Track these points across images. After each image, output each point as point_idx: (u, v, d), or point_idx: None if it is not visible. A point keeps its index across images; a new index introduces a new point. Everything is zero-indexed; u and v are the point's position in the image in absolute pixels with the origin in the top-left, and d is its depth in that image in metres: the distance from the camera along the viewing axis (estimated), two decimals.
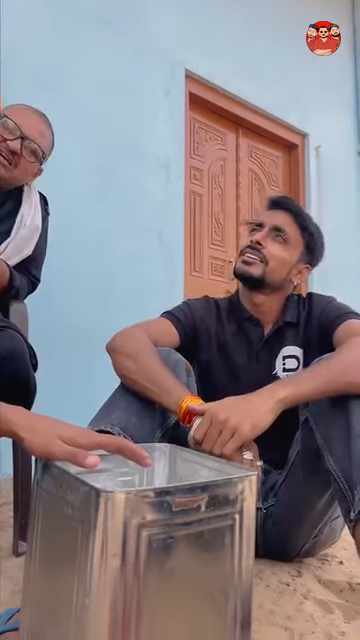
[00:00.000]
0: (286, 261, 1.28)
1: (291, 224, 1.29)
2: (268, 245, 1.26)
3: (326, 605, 1.02)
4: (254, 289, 1.29)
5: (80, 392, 2.01)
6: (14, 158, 1.31)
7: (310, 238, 1.31)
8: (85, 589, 0.51)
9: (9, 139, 1.28)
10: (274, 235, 1.27)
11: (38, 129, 1.34)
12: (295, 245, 1.29)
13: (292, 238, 1.28)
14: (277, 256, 1.26)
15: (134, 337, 1.13)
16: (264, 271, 1.25)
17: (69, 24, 2.36)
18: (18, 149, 1.30)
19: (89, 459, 0.60)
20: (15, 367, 1.03)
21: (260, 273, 1.25)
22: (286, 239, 1.27)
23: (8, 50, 2.04)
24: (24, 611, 0.64)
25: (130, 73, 2.60)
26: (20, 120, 1.30)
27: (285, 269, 1.28)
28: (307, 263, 1.34)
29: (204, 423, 0.91)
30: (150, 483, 0.77)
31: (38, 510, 0.64)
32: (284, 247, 1.27)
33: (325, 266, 1.25)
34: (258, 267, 1.25)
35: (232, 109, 3.19)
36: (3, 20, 2.05)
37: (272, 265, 1.25)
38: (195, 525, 0.56)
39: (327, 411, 1.01)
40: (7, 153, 1.29)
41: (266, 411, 0.92)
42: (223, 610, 0.59)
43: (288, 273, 1.29)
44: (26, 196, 1.39)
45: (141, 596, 0.52)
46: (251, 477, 0.61)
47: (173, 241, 2.73)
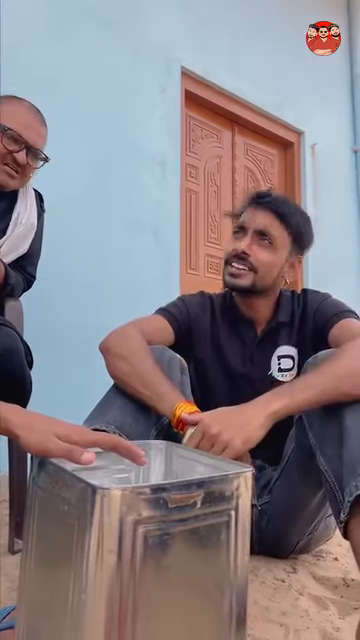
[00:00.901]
0: (275, 264, 1.25)
1: (275, 225, 1.24)
2: (254, 252, 1.22)
3: (321, 601, 1.02)
4: (245, 295, 1.28)
5: (75, 390, 2.01)
6: (21, 168, 1.33)
7: (297, 233, 1.27)
8: (81, 585, 0.51)
9: (14, 151, 1.30)
10: (259, 240, 1.23)
11: (38, 132, 1.35)
12: (282, 246, 1.25)
13: (278, 240, 1.24)
14: (265, 262, 1.23)
15: (128, 337, 1.12)
16: (254, 280, 1.22)
17: (66, 22, 2.35)
18: (25, 160, 1.32)
19: (85, 455, 0.60)
20: (11, 365, 1.03)
21: (250, 283, 1.22)
22: (272, 242, 1.23)
23: (5, 48, 2.02)
24: (20, 608, 0.64)
25: (126, 70, 2.59)
26: (22, 128, 1.30)
27: (275, 271, 1.26)
28: (297, 254, 1.31)
29: (196, 435, 0.90)
30: (146, 480, 0.77)
31: (34, 507, 0.64)
32: (271, 251, 1.23)
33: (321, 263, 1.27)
34: (247, 277, 1.22)
35: (228, 107, 3.19)
36: (2, 17, 2.04)
37: (261, 272, 1.23)
38: (191, 521, 0.56)
39: (321, 411, 1.01)
40: (14, 165, 1.31)
41: (259, 425, 0.90)
42: (219, 606, 0.59)
43: (279, 272, 1.27)
44: (22, 194, 1.39)
45: (137, 592, 0.52)
46: (246, 474, 0.62)
47: (169, 239, 2.72)
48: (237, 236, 1.27)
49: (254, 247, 1.23)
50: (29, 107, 1.37)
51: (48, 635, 0.57)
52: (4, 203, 1.36)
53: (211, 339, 1.31)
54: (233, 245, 1.26)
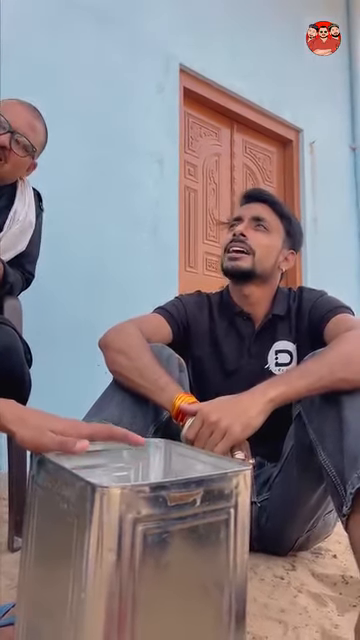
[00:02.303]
0: (271, 248, 1.29)
1: (269, 212, 1.31)
2: (251, 235, 1.27)
3: (320, 598, 1.03)
4: (244, 282, 1.29)
5: (74, 387, 2.01)
6: (4, 153, 1.30)
7: (288, 224, 1.33)
8: (81, 584, 0.51)
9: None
10: (255, 225, 1.29)
11: (28, 123, 1.33)
12: (276, 231, 1.31)
13: (272, 225, 1.30)
14: (262, 244, 1.27)
15: (126, 333, 1.13)
16: (252, 262, 1.26)
17: (63, 20, 2.35)
18: (7, 143, 1.28)
19: (78, 444, 0.61)
20: (10, 363, 1.03)
21: (249, 265, 1.25)
22: (267, 227, 1.29)
23: (3, 44, 2.02)
24: (20, 606, 0.64)
25: (124, 68, 2.59)
26: (10, 114, 1.29)
27: (272, 256, 1.29)
28: (291, 248, 1.35)
29: (196, 424, 0.91)
30: (145, 478, 0.77)
31: (33, 505, 0.63)
32: (266, 235, 1.28)
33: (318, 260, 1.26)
34: (246, 260, 1.26)
35: (227, 104, 3.19)
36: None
37: (259, 254, 1.26)
38: (190, 519, 0.56)
39: (319, 406, 1.01)
40: None
41: (257, 412, 0.92)
42: (218, 603, 0.59)
43: (276, 260, 1.30)
44: (20, 192, 1.39)
45: (137, 590, 0.52)
46: (246, 472, 0.62)
47: (167, 237, 2.72)
48: (233, 228, 1.32)
49: (250, 231, 1.28)
50: (27, 105, 1.36)
51: (48, 632, 0.58)
52: (2, 201, 1.35)
53: (209, 337, 1.32)
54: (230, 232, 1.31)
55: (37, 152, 1.38)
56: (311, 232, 3.48)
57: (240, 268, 1.26)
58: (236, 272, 1.27)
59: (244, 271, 1.26)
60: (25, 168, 1.38)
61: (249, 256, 1.26)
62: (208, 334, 1.31)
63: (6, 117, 1.28)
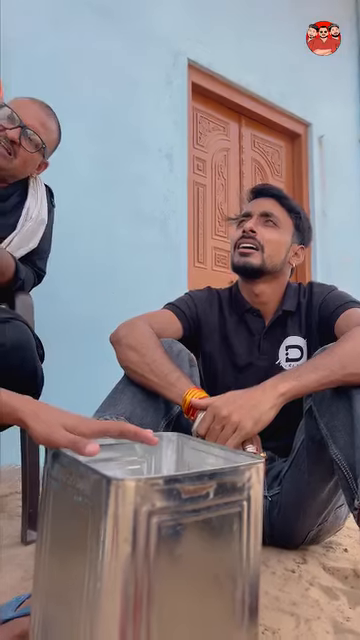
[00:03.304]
0: (281, 244, 1.28)
1: (277, 208, 1.30)
2: (260, 231, 1.26)
3: (331, 591, 1.03)
4: (255, 279, 1.28)
5: (84, 382, 2.02)
6: (13, 147, 1.30)
7: (297, 218, 1.32)
8: (96, 574, 0.51)
9: (8, 128, 1.28)
10: (264, 221, 1.28)
11: (40, 120, 1.33)
12: (286, 227, 1.30)
13: (282, 220, 1.29)
14: (272, 240, 1.26)
15: (137, 329, 1.13)
16: (262, 258, 1.25)
17: (69, 15, 2.35)
18: (17, 138, 1.28)
19: (89, 447, 0.61)
20: (23, 358, 1.04)
21: (259, 262, 1.25)
22: (276, 222, 1.28)
23: (8, 42, 2.02)
24: (35, 597, 0.65)
25: (132, 63, 2.58)
26: (22, 110, 1.29)
27: (282, 252, 1.28)
28: (300, 243, 1.34)
29: (207, 418, 0.92)
30: (158, 471, 0.78)
31: (48, 498, 0.64)
32: (276, 230, 1.28)
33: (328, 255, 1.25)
34: (256, 256, 1.25)
35: (235, 99, 3.18)
36: (3, 9, 2.04)
37: (269, 250, 1.25)
38: (204, 512, 0.57)
39: (331, 400, 1.02)
40: (6, 143, 1.28)
41: (269, 407, 0.92)
42: (231, 595, 0.60)
43: (286, 256, 1.30)
44: (32, 189, 1.39)
45: (151, 580, 0.52)
46: (258, 465, 0.62)
47: (176, 232, 2.72)
48: (242, 224, 1.31)
49: (260, 227, 1.27)
50: (41, 103, 1.37)
51: (63, 622, 0.58)
52: (14, 198, 1.36)
53: (219, 333, 1.32)
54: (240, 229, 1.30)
55: (48, 150, 1.38)
56: (320, 226, 3.47)
57: (250, 264, 1.25)
58: (246, 269, 1.26)
59: (254, 267, 1.25)
60: (35, 165, 1.38)
61: (259, 252, 1.25)
62: (218, 330, 1.32)
63: (18, 112, 1.28)
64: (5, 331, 1.03)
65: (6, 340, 1.01)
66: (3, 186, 1.36)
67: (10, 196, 1.36)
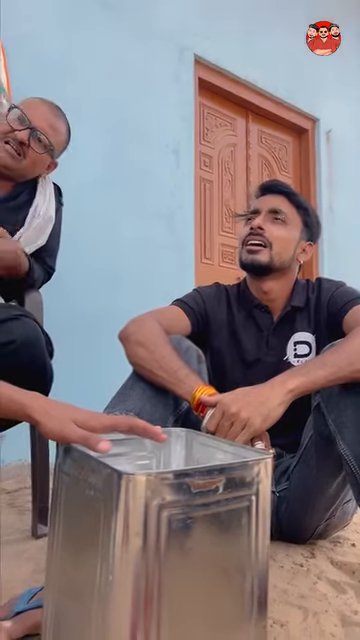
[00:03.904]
0: (289, 241, 1.28)
1: (286, 204, 1.30)
2: (269, 228, 1.26)
3: (339, 585, 1.04)
4: (263, 276, 1.28)
5: (93, 378, 2.03)
6: (22, 148, 1.31)
7: (306, 215, 1.32)
8: (108, 567, 0.53)
9: (17, 129, 1.29)
10: (272, 218, 1.28)
11: (49, 121, 1.34)
12: (294, 224, 1.30)
13: (290, 217, 1.29)
14: (280, 237, 1.26)
15: (146, 325, 1.14)
16: (270, 256, 1.25)
17: (78, 11, 2.35)
18: (26, 139, 1.30)
19: (101, 444, 0.61)
20: (32, 354, 1.05)
21: (267, 259, 1.25)
22: (284, 219, 1.27)
23: (16, 39, 2.03)
24: (47, 589, 0.66)
25: (139, 59, 2.58)
26: (31, 111, 1.31)
27: (290, 249, 1.28)
28: (309, 240, 1.34)
29: (216, 415, 0.93)
30: (167, 466, 0.79)
31: (60, 492, 0.66)
32: (284, 227, 1.27)
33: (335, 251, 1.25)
34: (264, 253, 1.25)
35: (242, 94, 3.17)
36: (9, 7, 2.05)
37: (277, 247, 1.25)
38: (213, 506, 0.58)
39: (338, 397, 1.02)
40: (15, 143, 1.30)
41: (277, 403, 0.93)
42: (240, 588, 0.61)
43: (294, 252, 1.29)
44: (40, 187, 1.41)
45: (162, 573, 0.53)
46: (266, 460, 0.63)
47: (183, 228, 2.73)
48: (250, 221, 1.31)
49: (268, 224, 1.27)
50: (50, 104, 1.37)
51: (75, 614, 0.60)
52: (23, 196, 1.37)
53: (227, 328, 1.32)
54: (248, 226, 1.30)
55: (56, 151, 1.39)
56: (328, 222, 3.45)
57: (258, 262, 1.25)
58: (254, 266, 1.26)
59: (262, 265, 1.25)
60: (44, 166, 1.40)
61: (267, 249, 1.25)
62: (226, 326, 1.32)
63: (27, 114, 1.30)
64: (15, 328, 1.04)
65: (16, 337, 1.02)
66: (12, 185, 1.37)
67: (19, 194, 1.37)
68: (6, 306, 1.18)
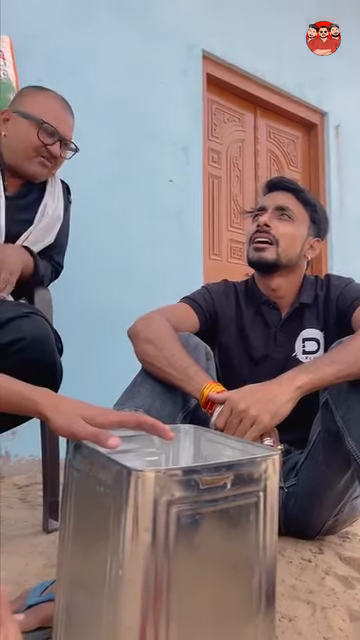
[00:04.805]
0: (296, 237, 1.28)
1: (293, 201, 1.30)
2: (275, 225, 1.26)
3: (347, 580, 1.04)
4: (270, 273, 1.29)
5: (100, 375, 2.05)
6: (54, 160, 1.37)
7: (313, 211, 1.32)
8: (118, 561, 0.54)
9: (49, 144, 1.34)
10: (279, 215, 1.28)
11: (69, 125, 1.39)
12: (301, 220, 1.29)
13: (297, 214, 1.29)
14: (286, 234, 1.26)
15: (155, 323, 1.15)
16: (277, 253, 1.25)
17: (85, 8, 2.35)
18: (59, 152, 1.37)
19: (111, 440, 0.62)
20: (42, 351, 1.06)
21: (274, 256, 1.25)
22: (291, 216, 1.28)
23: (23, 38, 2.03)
24: (59, 583, 0.67)
25: (146, 56, 2.58)
26: (56, 122, 1.34)
27: (297, 246, 1.28)
28: (316, 236, 1.33)
29: (224, 412, 0.93)
30: (176, 463, 0.80)
31: (71, 488, 0.67)
32: (291, 224, 1.27)
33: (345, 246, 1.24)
34: (271, 251, 1.25)
35: (250, 89, 3.15)
36: (18, 6, 2.06)
37: (283, 244, 1.25)
38: (221, 502, 0.59)
39: (347, 393, 1.03)
40: (48, 156, 1.35)
41: (286, 400, 0.93)
42: (249, 583, 0.62)
43: (301, 249, 1.29)
44: (50, 186, 1.43)
45: (171, 568, 0.54)
46: (274, 456, 0.64)
47: (192, 224, 2.73)
48: (257, 218, 1.31)
49: (274, 221, 1.27)
50: (59, 99, 1.40)
51: (86, 607, 0.61)
52: (32, 195, 1.39)
53: (236, 325, 1.33)
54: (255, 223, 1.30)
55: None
56: (337, 217, 3.43)
57: (265, 259, 1.25)
58: (261, 263, 1.27)
59: (269, 262, 1.25)
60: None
61: (273, 247, 1.25)
62: (235, 322, 1.33)
63: (52, 123, 1.33)
64: (24, 326, 1.05)
65: (25, 334, 1.03)
66: (21, 182, 1.39)
67: (29, 192, 1.39)
68: (16, 304, 1.19)
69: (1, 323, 1.05)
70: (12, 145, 1.34)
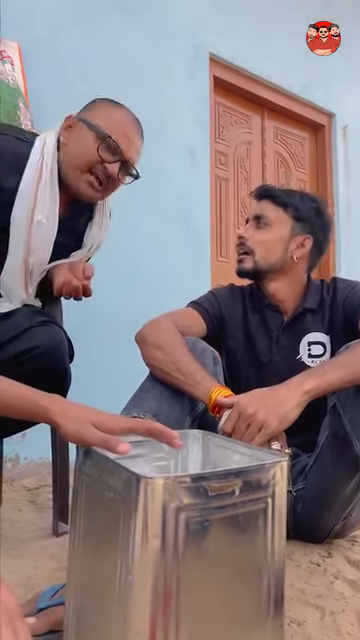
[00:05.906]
0: (272, 242, 1.29)
1: (269, 207, 1.31)
2: (250, 235, 1.30)
3: (356, 584, 1.04)
4: (259, 280, 1.33)
5: (108, 380, 2.05)
6: (108, 181, 1.22)
7: (295, 211, 1.31)
8: (128, 567, 0.54)
9: (108, 161, 1.19)
10: (257, 224, 1.31)
11: (137, 148, 1.25)
12: (280, 223, 1.30)
13: (272, 219, 1.30)
14: (260, 241, 1.29)
15: (162, 328, 1.15)
16: (254, 261, 1.29)
17: (92, 10, 2.36)
18: (115, 173, 1.21)
19: (121, 446, 0.62)
20: (54, 359, 1.07)
21: (251, 265, 1.29)
22: (267, 222, 1.30)
23: (31, 43, 2.05)
24: (69, 587, 0.68)
25: (153, 58, 2.59)
26: (122, 140, 1.19)
27: (276, 249, 1.29)
28: (307, 233, 1.31)
29: (232, 417, 0.94)
30: (184, 468, 0.80)
31: (80, 493, 0.67)
32: (266, 230, 1.30)
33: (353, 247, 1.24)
34: (248, 260, 1.29)
35: (257, 91, 3.15)
36: (26, 10, 2.07)
37: (260, 252, 1.28)
38: (230, 509, 0.59)
39: (355, 398, 1.03)
40: (103, 175, 1.20)
41: (294, 405, 0.94)
42: (257, 588, 0.62)
43: (284, 251, 1.29)
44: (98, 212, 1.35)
45: (180, 574, 0.55)
46: (282, 462, 0.64)
47: (199, 227, 2.73)
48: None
49: (250, 231, 1.31)
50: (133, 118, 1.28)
51: (96, 611, 0.61)
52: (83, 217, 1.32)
53: (242, 329, 1.33)
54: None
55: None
56: (345, 219, 3.43)
57: (243, 269, 1.31)
58: (241, 274, 1.32)
59: (248, 271, 1.30)
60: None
61: (250, 256, 1.29)
62: (242, 327, 1.33)
63: (118, 141, 1.18)
64: (40, 334, 1.07)
65: (40, 343, 1.05)
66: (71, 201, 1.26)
67: (79, 215, 1.31)
68: (34, 311, 1.18)
69: (19, 332, 1.06)
70: (69, 155, 1.20)
